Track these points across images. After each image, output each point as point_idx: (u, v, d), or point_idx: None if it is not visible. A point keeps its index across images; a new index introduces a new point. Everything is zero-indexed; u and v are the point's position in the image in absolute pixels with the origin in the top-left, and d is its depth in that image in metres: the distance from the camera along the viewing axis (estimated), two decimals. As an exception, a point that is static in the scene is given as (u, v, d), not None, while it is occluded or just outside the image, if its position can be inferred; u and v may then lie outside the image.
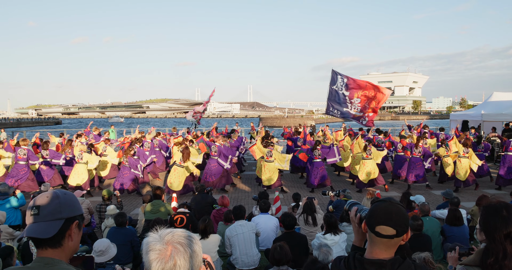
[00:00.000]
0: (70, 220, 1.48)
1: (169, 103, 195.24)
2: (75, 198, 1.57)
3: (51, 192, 1.51)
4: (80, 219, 1.54)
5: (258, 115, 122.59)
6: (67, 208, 1.49)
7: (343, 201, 6.70)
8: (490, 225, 1.72)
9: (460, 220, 5.53)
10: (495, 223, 1.70)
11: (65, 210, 1.48)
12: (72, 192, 6.92)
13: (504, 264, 1.64)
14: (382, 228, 1.56)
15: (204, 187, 7.60)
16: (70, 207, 1.50)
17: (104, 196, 7.11)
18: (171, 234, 1.32)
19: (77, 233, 1.53)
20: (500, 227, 1.67)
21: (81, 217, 1.55)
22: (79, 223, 1.53)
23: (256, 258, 5.05)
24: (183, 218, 5.60)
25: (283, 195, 9.93)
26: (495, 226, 1.69)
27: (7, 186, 6.90)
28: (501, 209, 1.71)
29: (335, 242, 4.81)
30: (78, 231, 1.53)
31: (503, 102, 16.43)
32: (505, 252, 1.65)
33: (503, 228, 1.67)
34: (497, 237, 1.68)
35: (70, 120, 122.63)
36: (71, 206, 1.51)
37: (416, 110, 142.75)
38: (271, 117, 78.16)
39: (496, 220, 1.70)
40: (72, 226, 1.49)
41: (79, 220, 1.52)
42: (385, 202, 1.62)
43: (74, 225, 1.49)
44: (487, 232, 1.74)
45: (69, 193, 1.56)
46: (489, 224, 1.73)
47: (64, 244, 1.47)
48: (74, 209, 1.52)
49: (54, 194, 1.50)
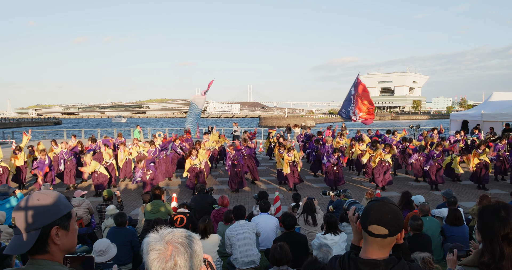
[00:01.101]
0: (47, 228, 1.40)
1: (169, 103, 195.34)
2: (53, 201, 1.44)
3: (26, 200, 1.42)
4: (62, 222, 1.44)
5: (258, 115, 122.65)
6: (41, 216, 1.39)
7: (344, 201, 6.70)
8: (488, 226, 1.72)
9: (460, 220, 5.53)
10: (493, 224, 1.69)
11: (39, 219, 1.39)
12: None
13: (501, 265, 1.64)
14: (374, 227, 1.57)
15: (204, 187, 7.60)
16: (44, 214, 1.40)
17: (104, 196, 7.11)
18: (172, 234, 1.32)
19: (64, 235, 1.45)
20: (498, 228, 1.67)
21: (65, 218, 1.45)
22: (64, 225, 1.44)
23: (256, 258, 5.05)
24: (183, 218, 5.60)
25: (283, 195, 9.94)
26: (493, 227, 1.68)
27: (7, 186, 6.90)
28: (499, 210, 1.70)
29: (335, 242, 4.81)
30: (64, 232, 1.45)
31: (503, 102, 16.43)
32: (502, 253, 1.65)
33: (501, 229, 1.66)
34: (495, 238, 1.67)
35: (70, 120, 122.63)
36: (45, 212, 1.40)
37: (416, 110, 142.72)
38: (271, 117, 78.23)
39: (494, 221, 1.69)
40: (52, 233, 1.40)
41: (59, 224, 1.42)
42: (378, 201, 1.63)
43: (53, 231, 1.41)
44: (485, 233, 1.73)
45: (44, 198, 1.43)
46: (487, 225, 1.72)
47: (50, 250, 1.42)
48: (49, 215, 1.41)
49: (27, 203, 1.40)
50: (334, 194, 6.96)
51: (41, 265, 1.40)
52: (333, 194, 6.97)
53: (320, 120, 79.52)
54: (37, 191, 1.48)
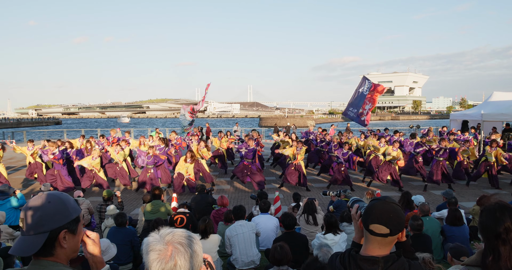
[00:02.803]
0: (56, 231, 1.39)
1: (169, 103, 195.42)
2: (63, 204, 1.43)
3: (36, 201, 1.41)
4: (71, 226, 1.44)
5: (258, 115, 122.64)
6: (50, 219, 1.38)
7: (344, 201, 6.70)
8: (483, 226, 1.75)
9: (460, 220, 5.53)
10: (488, 223, 1.72)
11: (48, 222, 1.38)
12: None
13: (500, 265, 1.65)
14: (375, 226, 1.58)
15: (204, 187, 7.60)
16: (54, 217, 1.39)
17: (104, 196, 7.11)
18: (172, 234, 1.32)
19: (71, 239, 1.44)
20: (493, 227, 1.69)
21: (73, 222, 1.45)
22: (72, 229, 1.44)
23: (256, 258, 5.05)
24: (183, 218, 5.60)
25: (283, 195, 9.93)
26: (488, 227, 1.71)
27: (7, 186, 6.91)
28: (494, 211, 1.73)
29: (335, 242, 4.80)
30: (71, 236, 1.44)
31: (503, 102, 16.39)
32: (498, 253, 1.66)
33: (495, 229, 1.68)
34: (491, 238, 1.70)
35: (70, 120, 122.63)
36: (56, 215, 1.40)
37: (416, 110, 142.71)
38: (271, 117, 78.17)
39: (489, 221, 1.72)
40: (60, 237, 1.40)
41: (68, 228, 1.42)
42: (380, 201, 1.64)
43: (61, 235, 1.40)
44: (482, 233, 1.77)
45: (55, 200, 1.42)
46: (483, 224, 1.75)
47: (55, 252, 1.41)
48: (61, 218, 1.40)
49: (37, 204, 1.40)
50: (334, 194, 6.96)
51: (43, 266, 1.39)
52: (333, 195, 6.97)
53: (320, 120, 79.52)
54: (49, 192, 1.46)
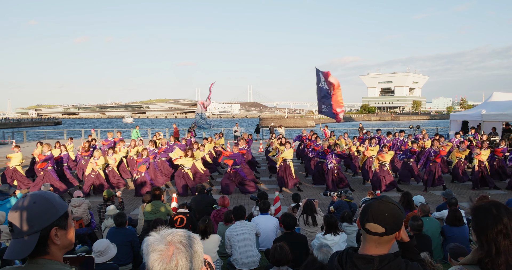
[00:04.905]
0: (46, 230, 1.39)
1: (169, 104, 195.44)
2: (49, 202, 1.43)
3: (21, 203, 1.40)
4: (60, 222, 1.43)
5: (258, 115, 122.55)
6: (39, 219, 1.38)
7: (344, 202, 6.71)
8: (481, 225, 1.74)
9: (460, 220, 5.52)
10: (487, 222, 1.72)
11: (37, 222, 1.37)
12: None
13: (500, 261, 1.65)
14: (371, 225, 1.60)
15: (204, 188, 7.60)
16: (43, 217, 1.39)
17: (105, 196, 7.11)
18: (172, 234, 1.32)
19: (63, 235, 1.45)
20: (491, 225, 1.70)
21: (63, 218, 1.44)
22: (62, 225, 1.44)
23: (256, 259, 5.05)
24: (183, 219, 5.59)
25: (283, 196, 9.93)
26: (487, 225, 1.71)
27: (7, 186, 6.91)
28: (490, 208, 1.74)
29: (335, 242, 4.80)
30: (62, 232, 1.45)
31: (503, 102, 16.41)
32: (498, 249, 1.66)
33: (494, 225, 1.69)
34: (490, 235, 1.70)
35: (70, 121, 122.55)
36: (44, 214, 1.39)
37: (416, 110, 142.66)
38: (271, 117, 78.04)
39: (487, 219, 1.72)
40: (51, 234, 1.40)
41: (58, 224, 1.42)
42: (376, 200, 1.65)
43: (52, 232, 1.40)
44: (479, 232, 1.76)
45: (40, 200, 1.41)
46: (480, 223, 1.75)
47: (50, 250, 1.42)
48: (49, 217, 1.40)
49: (23, 206, 1.38)
50: (336, 194, 6.97)
51: (40, 264, 1.40)
52: (335, 195, 6.97)
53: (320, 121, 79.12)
54: (32, 193, 1.46)
